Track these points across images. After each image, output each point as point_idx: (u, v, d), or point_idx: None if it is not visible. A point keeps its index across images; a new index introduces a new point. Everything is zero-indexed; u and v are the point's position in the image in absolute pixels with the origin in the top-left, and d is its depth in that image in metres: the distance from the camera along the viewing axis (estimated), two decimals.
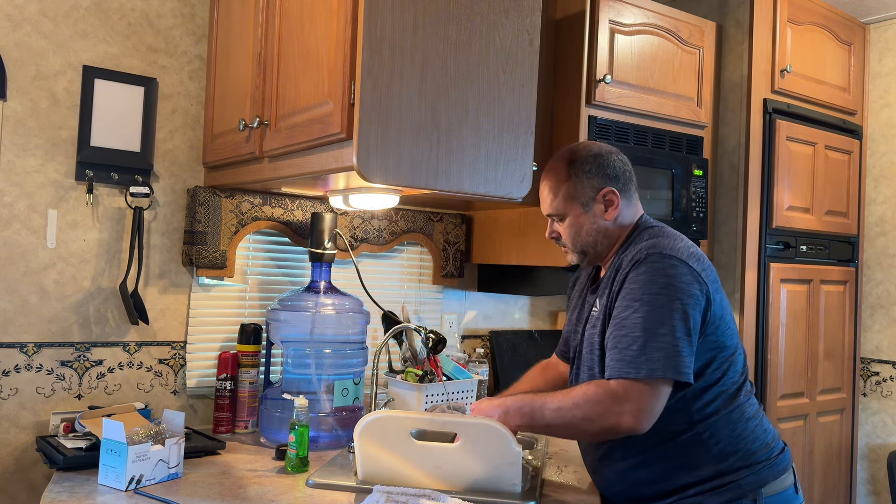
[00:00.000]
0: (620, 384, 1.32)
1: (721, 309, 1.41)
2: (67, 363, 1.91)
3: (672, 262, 1.36)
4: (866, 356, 3.06)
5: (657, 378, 1.30)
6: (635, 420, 1.31)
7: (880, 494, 2.98)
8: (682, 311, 1.32)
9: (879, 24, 3.07)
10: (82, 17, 1.93)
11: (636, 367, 1.31)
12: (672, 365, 1.30)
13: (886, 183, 3.05)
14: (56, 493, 1.42)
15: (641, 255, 1.39)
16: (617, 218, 1.51)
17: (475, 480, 1.44)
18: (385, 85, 1.46)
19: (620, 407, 1.31)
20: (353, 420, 1.89)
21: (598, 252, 1.53)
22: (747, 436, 1.42)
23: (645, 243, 1.42)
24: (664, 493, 1.43)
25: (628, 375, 1.31)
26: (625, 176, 1.53)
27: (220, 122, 1.98)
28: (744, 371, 1.48)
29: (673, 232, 1.48)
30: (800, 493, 1.49)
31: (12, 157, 1.84)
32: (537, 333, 2.70)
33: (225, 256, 2.06)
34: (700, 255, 1.41)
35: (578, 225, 1.52)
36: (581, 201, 1.51)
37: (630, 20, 2.24)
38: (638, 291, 1.36)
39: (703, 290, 1.36)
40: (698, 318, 1.35)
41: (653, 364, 1.30)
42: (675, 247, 1.39)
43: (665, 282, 1.34)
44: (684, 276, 1.35)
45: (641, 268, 1.38)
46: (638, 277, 1.37)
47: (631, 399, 1.30)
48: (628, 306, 1.36)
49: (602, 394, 1.33)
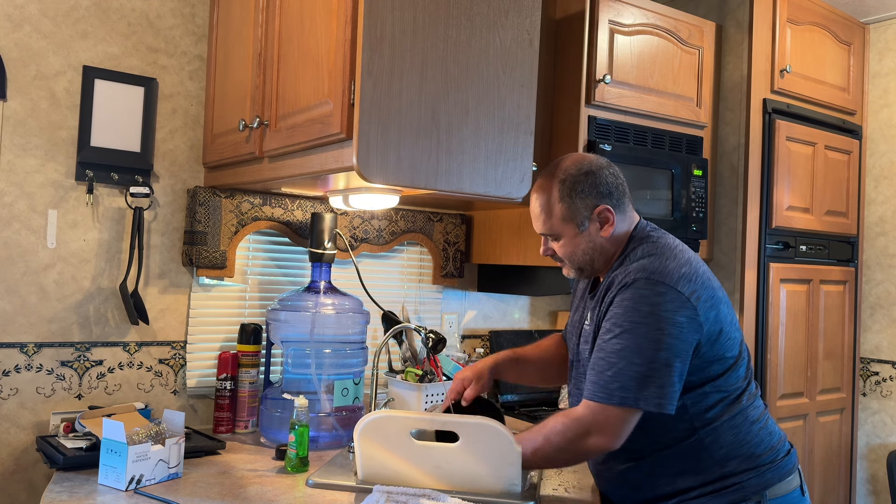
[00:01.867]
0: (590, 409, 1.35)
1: (718, 324, 1.38)
2: (67, 363, 1.91)
3: (658, 290, 1.33)
4: (866, 356, 3.06)
5: (628, 406, 1.32)
6: (605, 443, 1.35)
7: (880, 494, 2.99)
8: (663, 341, 1.31)
9: (879, 24, 3.07)
10: (82, 17, 1.93)
11: (608, 392, 1.33)
12: (644, 395, 1.31)
13: (886, 183, 3.05)
14: (56, 493, 1.42)
15: (629, 280, 1.37)
16: (612, 234, 1.48)
17: (475, 480, 1.44)
18: (385, 85, 1.46)
19: (589, 433, 1.35)
20: (353, 420, 1.89)
21: (596, 268, 1.51)
22: (751, 440, 1.41)
23: (635, 265, 1.39)
24: (666, 496, 1.43)
25: (600, 400, 1.34)
26: (618, 190, 1.48)
27: (220, 122, 1.98)
28: (747, 375, 1.46)
29: (668, 245, 1.44)
30: (806, 495, 1.47)
31: (12, 157, 1.84)
32: (537, 333, 2.70)
33: (225, 256, 2.06)
34: (692, 275, 1.37)
35: (574, 245, 1.49)
36: (576, 222, 1.47)
37: (630, 20, 2.24)
38: (621, 317, 1.35)
39: (691, 316, 1.33)
40: (683, 347, 1.33)
41: (625, 392, 1.32)
42: (666, 269, 1.36)
43: (648, 310, 1.33)
44: (670, 304, 1.33)
45: (627, 293, 1.36)
46: (623, 303, 1.36)
47: (599, 423, 1.34)
48: (610, 330, 1.37)
49: (571, 424, 1.37)
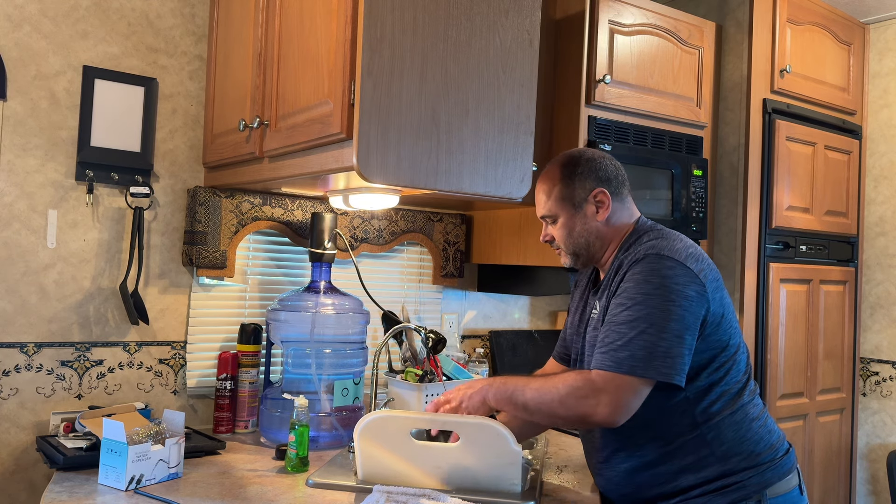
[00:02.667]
0: (600, 375, 1.32)
1: (721, 307, 1.41)
2: (67, 363, 1.91)
3: (668, 263, 1.36)
4: (866, 356, 3.06)
5: (637, 376, 1.30)
6: (609, 413, 1.31)
7: (880, 494, 2.99)
8: (674, 311, 1.32)
9: (879, 24, 3.07)
10: (82, 17, 1.93)
11: (618, 361, 1.31)
12: (654, 365, 1.30)
13: (886, 183, 3.05)
14: (56, 493, 1.42)
15: (640, 255, 1.40)
16: (609, 219, 1.52)
17: (475, 480, 1.44)
18: (385, 85, 1.46)
19: (597, 398, 1.31)
20: (353, 420, 1.89)
21: (591, 254, 1.54)
22: (751, 437, 1.42)
23: (645, 244, 1.43)
24: (668, 495, 1.43)
25: (609, 368, 1.32)
26: (617, 179, 1.53)
27: (220, 122, 1.98)
28: (747, 370, 1.47)
29: (672, 233, 1.48)
30: (805, 494, 1.48)
31: (12, 157, 1.84)
32: (537, 333, 2.70)
33: (225, 256, 2.06)
34: (699, 255, 1.41)
35: (570, 226, 1.53)
36: (573, 202, 1.52)
37: (630, 20, 2.24)
38: (632, 290, 1.36)
39: (700, 291, 1.36)
40: (693, 320, 1.34)
41: (634, 361, 1.30)
42: (674, 248, 1.39)
43: (659, 282, 1.34)
44: (680, 277, 1.35)
45: (637, 267, 1.38)
46: (634, 276, 1.38)
47: (608, 391, 1.31)
48: (621, 304, 1.37)
49: (581, 382, 1.34)
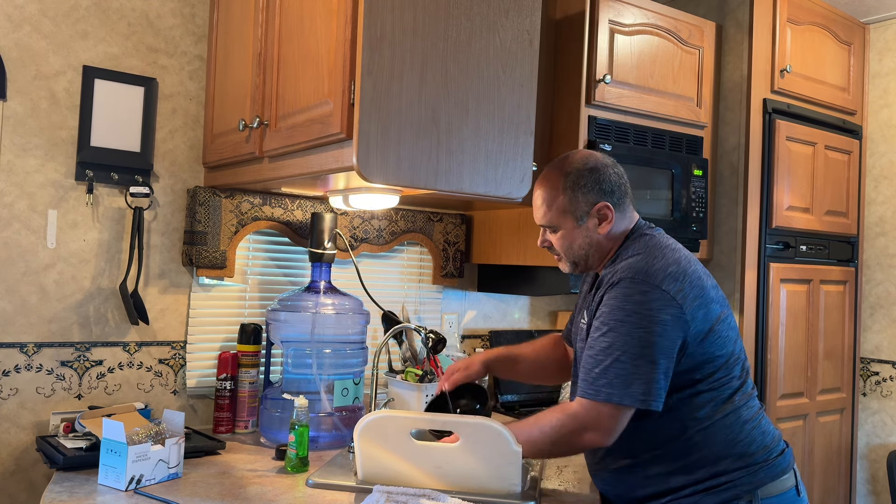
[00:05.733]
0: (582, 405, 1.38)
1: (707, 322, 1.40)
2: (67, 363, 1.91)
3: (642, 288, 1.36)
4: (866, 356, 3.06)
5: (615, 403, 1.34)
6: (598, 439, 1.38)
7: (880, 494, 2.99)
8: (646, 338, 1.33)
9: (879, 24, 3.07)
10: (82, 17, 1.93)
11: (596, 389, 1.36)
12: (630, 392, 1.33)
13: (886, 183, 3.05)
14: (56, 493, 1.42)
15: (615, 279, 1.41)
16: (610, 231, 1.51)
17: (475, 480, 1.44)
18: (385, 85, 1.46)
19: (583, 431, 1.38)
20: (353, 420, 1.89)
21: (590, 263, 1.55)
22: (743, 439, 1.42)
23: (622, 264, 1.43)
24: (659, 494, 1.44)
25: (589, 397, 1.37)
26: (620, 190, 1.51)
27: (220, 122, 1.98)
28: (742, 375, 1.47)
29: (658, 245, 1.46)
30: (803, 495, 1.47)
31: (12, 157, 1.84)
32: (537, 333, 2.70)
33: (225, 256, 2.06)
34: (678, 274, 1.39)
35: (571, 238, 1.52)
36: (575, 215, 1.50)
37: (630, 20, 2.24)
38: (607, 316, 1.39)
39: (676, 314, 1.35)
40: (668, 344, 1.35)
41: (611, 388, 1.34)
42: (651, 269, 1.38)
43: (633, 308, 1.36)
44: (654, 302, 1.35)
45: (613, 291, 1.40)
46: (609, 302, 1.40)
47: (591, 420, 1.37)
48: (598, 328, 1.40)
49: (565, 419, 1.40)
